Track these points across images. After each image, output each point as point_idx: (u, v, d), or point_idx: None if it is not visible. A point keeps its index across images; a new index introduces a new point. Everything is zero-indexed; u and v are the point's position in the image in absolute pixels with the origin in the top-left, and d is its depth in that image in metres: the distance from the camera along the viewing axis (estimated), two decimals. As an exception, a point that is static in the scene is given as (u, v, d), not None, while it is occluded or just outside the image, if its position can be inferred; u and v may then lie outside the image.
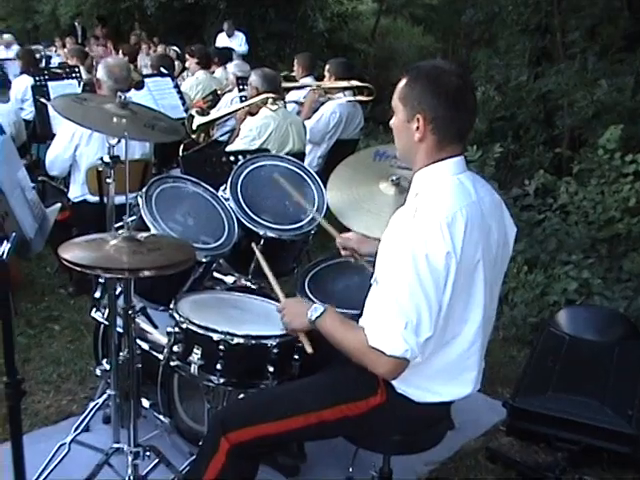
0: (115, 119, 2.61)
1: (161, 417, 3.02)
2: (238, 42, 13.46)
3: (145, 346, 3.00)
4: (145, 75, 6.24)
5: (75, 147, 4.40)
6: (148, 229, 2.78)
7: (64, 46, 14.23)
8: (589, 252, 5.30)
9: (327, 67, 6.37)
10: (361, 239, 2.75)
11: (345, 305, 2.71)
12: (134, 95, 5.29)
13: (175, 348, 2.55)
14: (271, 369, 2.50)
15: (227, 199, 3.16)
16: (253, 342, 2.49)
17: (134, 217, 2.65)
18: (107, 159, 2.70)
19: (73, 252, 2.24)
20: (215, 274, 3.32)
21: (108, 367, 3.00)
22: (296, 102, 6.59)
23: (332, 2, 19.12)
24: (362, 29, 20.27)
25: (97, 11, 18.38)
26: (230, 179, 3.22)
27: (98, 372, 3.14)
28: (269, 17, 16.16)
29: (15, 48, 12.26)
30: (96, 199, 4.51)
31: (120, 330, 2.89)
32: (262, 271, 3.15)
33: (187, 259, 2.32)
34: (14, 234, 1.91)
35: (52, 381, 3.83)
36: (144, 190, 2.92)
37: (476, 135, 10.70)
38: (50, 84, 5.82)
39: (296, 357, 2.57)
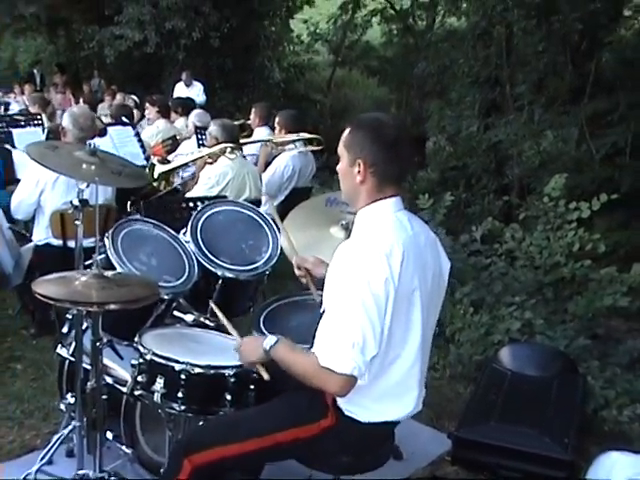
0: (85, 165, 2.80)
1: (124, 448, 3.17)
2: (196, 92, 13.68)
3: (109, 380, 3.16)
4: (108, 124, 6.44)
5: (40, 192, 4.55)
6: (114, 268, 2.97)
7: (23, 93, 14.36)
8: (535, 295, 5.56)
9: (277, 120, 6.58)
10: (317, 262, 2.93)
11: (299, 340, 2.89)
12: (96, 142, 5.47)
13: (139, 378, 2.74)
14: (229, 397, 2.70)
15: (187, 242, 3.36)
16: (212, 372, 2.70)
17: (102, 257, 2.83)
18: (76, 202, 2.87)
19: (46, 287, 2.42)
20: (175, 313, 3.50)
21: (73, 400, 3.16)
22: (254, 155, 6.85)
23: (289, 53, 19.57)
24: (318, 80, 20.73)
25: (56, 59, 18.61)
26: (190, 223, 3.44)
27: (62, 406, 3.31)
28: (227, 67, 16.47)
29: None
30: (59, 242, 4.65)
31: (85, 365, 3.07)
32: (220, 309, 3.37)
33: (152, 294, 2.52)
34: (-4, 269, 2.10)
35: (15, 417, 3.94)
36: (110, 232, 3.12)
37: (428, 184, 11.09)
38: (14, 131, 5.98)
39: (252, 387, 2.76)
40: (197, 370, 2.67)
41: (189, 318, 3.53)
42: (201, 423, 2.74)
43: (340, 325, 2.25)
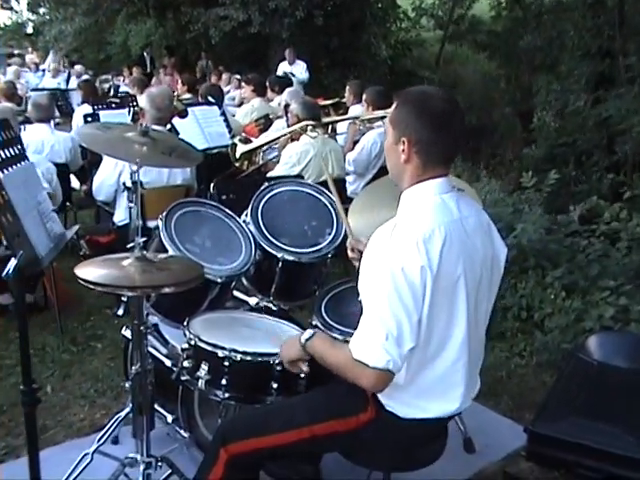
0: (136, 146, 2.74)
1: (181, 431, 3.15)
2: (299, 70, 13.69)
3: (168, 363, 3.13)
4: (192, 104, 6.45)
5: (119, 173, 4.59)
6: (167, 250, 2.93)
7: (131, 75, 14.72)
8: (636, 279, 5.23)
9: (364, 97, 6.48)
10: None
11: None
12: (178, 123, 5.49)
13: (185, 363, 2.68)
14: (275, 385, 2.60)
15: (247, 223, 3.28)
16: (257, 359, 2.60)
17: (145, 238, 2.76)
18: (129, 184, 2.83)
19: (86, 270, 2.38)
20: (239, 295, 3.44)
21: (132, 382, 3.15)
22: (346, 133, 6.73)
23: (396, 30, 19.30)
24: (426, 56, 20.40)
25: (166, 41, 18.98)
26: (251, 203, 3.34)
27: (127, 386, 3.30)
28: (332, 45, 16.39)
29: (86, 78, 12.82)
30: (139, 223, 4.67)
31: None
32: (283, 292, 3.29)
33: (193, 278, 2.43)
34: (21, 252, 2.07)
35: (89, 396, 4.02)
36: (164, 213, 3.07)
37: (532, 161, 10.68)
38: (101, 113, 6.08)
39: (302, 375, 2.64)
40: (241, 357, 2.57)
41: (252, 301, 3.47)
42: (239, 412, 2.67)
43: (374, 315, 2.10)
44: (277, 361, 2.58)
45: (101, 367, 4.33)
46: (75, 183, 6.87)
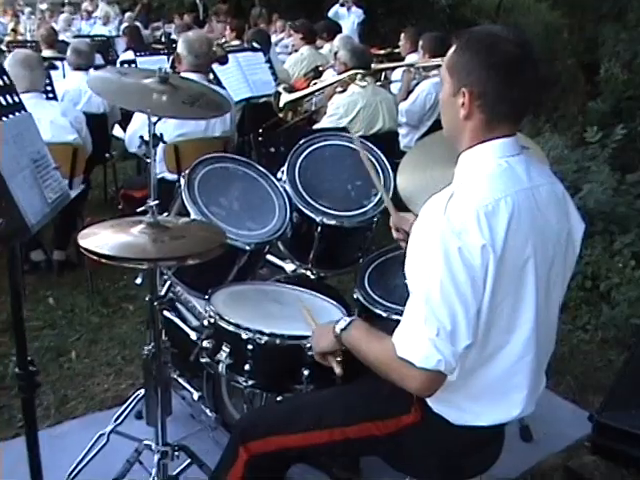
0: (155, 95, 2.41)
1: (207, 411, 2.85)
2: (353, 19, 13.25)
3: (193, 336, 2.81)
4: (235, 50, 6.06)
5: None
6: (189, 213, 2.60)
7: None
8: None
9: (420, 43, 6.04)
10: None
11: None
12: (220, 70, 5.14)
13: (205, 344, 2.36)
14: (306, 372, 2.25)
15: (284, 182, 2.93)
16: (286, 342, 2.25)
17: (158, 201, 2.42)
18: (147, 138, 2.50)
19: (90, 238, 2.08)
20: (274, 260, 3.11)
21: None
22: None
23: (456, -23, 18.53)
24: (486, 4, 19.59)
25: (219, -12, 18.48)
26: (288, 160, 2.98)
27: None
28: (390, -8, 15.79)
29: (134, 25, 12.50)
30: (174, 177, 4.37)
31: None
32: (323, 259, 2.96)
33: (211, 249, 2.09)
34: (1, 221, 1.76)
35: (115, 363, 3.78)
36: (187, 171, 2.75)
37: (597, 115, 10.08)
38: (138, 60, 5.74)
39: (338, 359, 2.30)
40: (267, 340, 2.23)
41: (289, 267, 3.14)
42: (261, 405, 2.35)
43: (423, 305, 1.71)
44: (309, 345, 2.24)
45: (130, 332, 4.07)
46: (119, 132, 6.58)
